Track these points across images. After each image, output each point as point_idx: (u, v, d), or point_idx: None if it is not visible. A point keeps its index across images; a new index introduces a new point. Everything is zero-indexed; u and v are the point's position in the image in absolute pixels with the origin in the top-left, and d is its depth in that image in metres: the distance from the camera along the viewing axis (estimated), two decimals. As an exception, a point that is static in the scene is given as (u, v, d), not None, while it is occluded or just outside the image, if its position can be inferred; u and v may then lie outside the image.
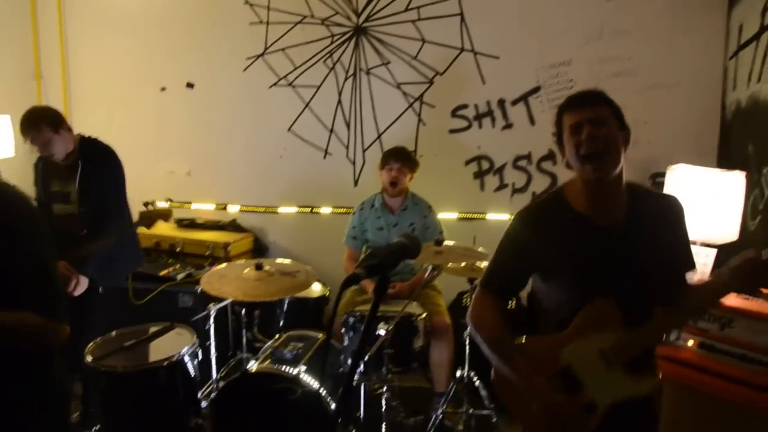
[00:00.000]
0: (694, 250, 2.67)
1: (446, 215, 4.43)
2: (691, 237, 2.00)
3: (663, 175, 3.28)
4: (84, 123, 5.20)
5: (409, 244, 1.27)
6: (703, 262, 2.87)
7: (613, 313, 1.87)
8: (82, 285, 3.20)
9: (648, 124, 4.03)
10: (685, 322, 2.26)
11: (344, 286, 1.15)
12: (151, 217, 3.52)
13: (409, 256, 1.27)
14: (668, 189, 3.01)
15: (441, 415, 3.58)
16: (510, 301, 2.21)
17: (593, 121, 1.85)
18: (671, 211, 1.96)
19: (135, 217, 3.55)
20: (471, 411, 3.59)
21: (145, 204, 3.55)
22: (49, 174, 3.44)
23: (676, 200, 2.00)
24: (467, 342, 3.54)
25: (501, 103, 4.38)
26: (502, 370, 2.03)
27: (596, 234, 1.91)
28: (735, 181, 2.90)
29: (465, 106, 4.46)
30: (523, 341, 2.05)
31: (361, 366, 3.15)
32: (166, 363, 2.93)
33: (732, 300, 2.40)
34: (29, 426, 1.78)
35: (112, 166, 3.47)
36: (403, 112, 4.58)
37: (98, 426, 3.04)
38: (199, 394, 3.21)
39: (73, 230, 3.31)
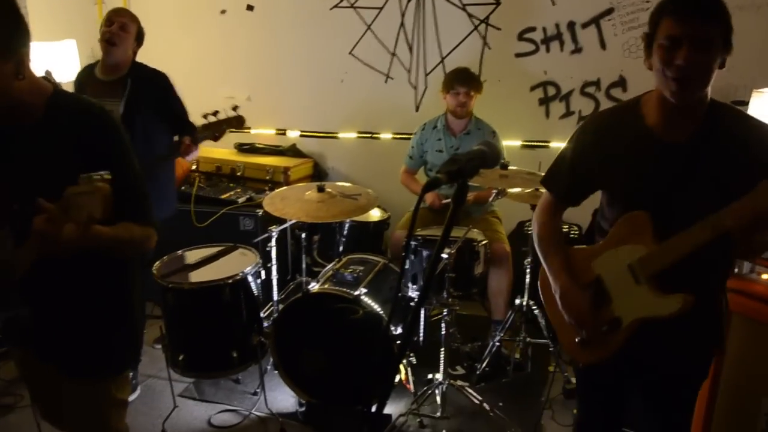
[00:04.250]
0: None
1: (509, 143, 4.32)
2: None
3: (743, 103, 3.10)
4: (144, 47, 5.24)
5: (488, 153, 1.22)
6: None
7: (645, 225, 1.77)
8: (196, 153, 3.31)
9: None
10: (714, 236, 1.73)
11: (425, 190, 1.11)
12: (217, 127, 3.41)
13: (488, 164, 1.21)
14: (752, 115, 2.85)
15: (498, 343, 3.60)
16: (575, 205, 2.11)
17: (696, 42, 1.59)
18: (757, 142, 1.71)
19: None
20: (528, 339, 3.59)
21: (205, 116, 3.43)
22: (82, 89, 3.28)
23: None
24: (527, 270, 3.50)
25: (571, 25, 4.17)
26: (546, 278, 2.04)
27: (657, 150, 1.77)
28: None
29: (532, 29, 4.27)
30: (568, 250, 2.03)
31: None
32: (230, 281, 2.99)
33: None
34: (98, 336, 1.83)
35: (166, 88, 3.39)
36: (467, 35, 4.42)
37: (165, 341, 3.14)
38: (261, 314, 3.28)
39: None
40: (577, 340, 1.95)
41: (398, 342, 3.05)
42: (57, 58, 4.15)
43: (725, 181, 1.64)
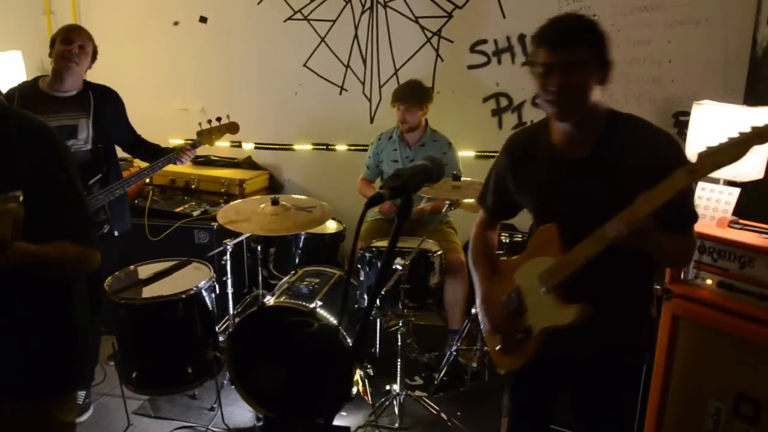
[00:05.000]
0: (717, 189, 2.63)
1: (463, 153, 4.36)
2: (716, 175, 1.91)
3: (686, 114, 3.18)
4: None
5: (432, 167, 1.24)
6: (726, 200, 2.81)
7: (553, 237, 1.84)
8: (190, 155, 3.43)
9: (672, 62, 3.91)
10: (602, 247, 1.75)
11: (368, 206, 1.13)
12: (214, 132, 3.57)
13: (432, 179, 1.24)
14: (693, 126, 2.92)
15: (455, 353, 3.62)
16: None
17: (566, 67, 1.70)
18: (659, 151, 1.76)
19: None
20: (485, 348, 3.62)
21: (200, 124, 3.58)
22: (36, 106, 3.04)
23: (668, 140, 1.81)
24: (483, 280, 3.54)
25: (521, 38, 4.25)
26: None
27: (560, 166, 1.86)
28: (763, 118, 2.81)
29: (484, 41, 4.34)
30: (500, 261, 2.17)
31: (378, 301, 3.16)
32: (183, 296, 2.96)
33: (752, 238, 2.36)
34: (37, 356, 1.78)
35: (121, 105, 3.42)
36: (420, 47, 4.47)
37: (117, 358, 3.08)
38: (216, 328, 3.26)
39: (88, 168, 3.12)
40: (497, 348, 2.04)
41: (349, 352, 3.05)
42: (1, 68, 4.06)
43: (627, 192, 1.65)
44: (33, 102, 3.05)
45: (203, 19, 4.88)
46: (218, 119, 3.61)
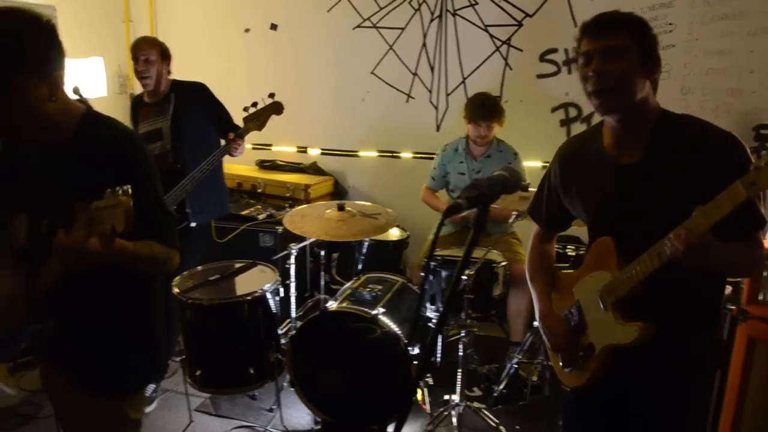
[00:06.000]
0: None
1: (530, 163, 4.29)
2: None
3: (768, 127, 3.07)
4: (172, 67, 5.31)
5: (509, 178, 1.23)
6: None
7: (609, 251, 1.76)
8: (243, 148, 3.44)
9: (754, 72, 3.75)
10: (658, 265, 1.65)
11: (446, 215, 1.11)
12: (258, 117, 3.50)
13: (509, 190, 1.22)
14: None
15: (516, 365, 3.56)
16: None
17: (605, 53, 1.63)
18: (714, 152, 1.62)
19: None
20: (546, 362, 3.54)
21: (245, 109, 3.53)
22: (136, 116, 3.56)
23: (727, 140, 1.64)
24: (547, 293, 3.47)
25: (593, 47, 4.17)
26: None
27: (613, 173, 1.77)
28: None
29: (554, 50, 4.28)
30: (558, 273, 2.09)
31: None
32: (249, 298, 3.00)
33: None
34: (116, 353, 1.83)
35: (206, 96, 3.57)
36: (489, 56, 4.43)
37: (183, 356, 3.15)
38: (279, 331, 3.29)
39: (167, 167, 3.36)
40: (559, 363, 1.98)
41: (415, 362, 3.03)
42: (84, 74, 4.23)
43: (682, 197, 1.57)
44: (136, 111, 3.57)
45: (274, 27, 4.97)
46: (254, 104, 3.54)
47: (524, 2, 4.27)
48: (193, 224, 3.44)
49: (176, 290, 3.03)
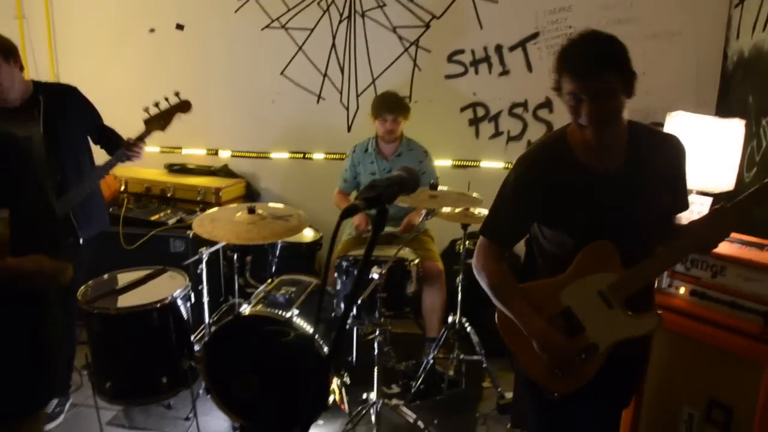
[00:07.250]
0: (690, 199, 2.68)
1: (440, 162, 4.39)
2: (688, 184, 1.96)
3: (660, 125, 3.24)
4: (69, 66, 5.10)
5: (407, 178, 1.25)
6: (698, 210, 2.86)
7: (611, 253, 1.85)
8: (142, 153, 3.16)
9: (647, 74, 3.95)
10: (680, 260, 2.28)
11: (342, 217, 1.12)
12: (161, 117, 3.22)
13: (407, 190, 1.24)
14: (666, 137, 2.98)
15: (432, 361, 3.62)
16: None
17: (595, 94, 1.68)
18: (672, 151, 1.89)
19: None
20: (462, 357, 3.63)
21: (146, 110, 3.22)
22: None
23: (677, 140, 1.90)
24: (459, 288, 3.55)
25: (498, 48, 4.30)
26: (505, 313, 2.01)
27: (596, 180, 1.85)
28: (734, 129, 2.86)
29: (461, 52, 4.38)
30: (523, 287, 2.02)
31: (354, 310, 3.15)
32: (158, 305, 2.93)
33: (724, 248, 2.39)
34: (6, 375, 1.75)
35: (81, 99, 3.21)
36: (398, 57, 4.49)
37: (91, 368, 3.03)
38: (192, 337, 3.23)
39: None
40: (557, 371, 1.94)
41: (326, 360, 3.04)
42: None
43: (659, 197, 1.79)
44: None
45: (180, 27, 4.86)
46: (156, 105, 3.24)
47: (432, 4, 4.35)
48: (81, 239, 3.16)
49: (81, 300, 2.93)
